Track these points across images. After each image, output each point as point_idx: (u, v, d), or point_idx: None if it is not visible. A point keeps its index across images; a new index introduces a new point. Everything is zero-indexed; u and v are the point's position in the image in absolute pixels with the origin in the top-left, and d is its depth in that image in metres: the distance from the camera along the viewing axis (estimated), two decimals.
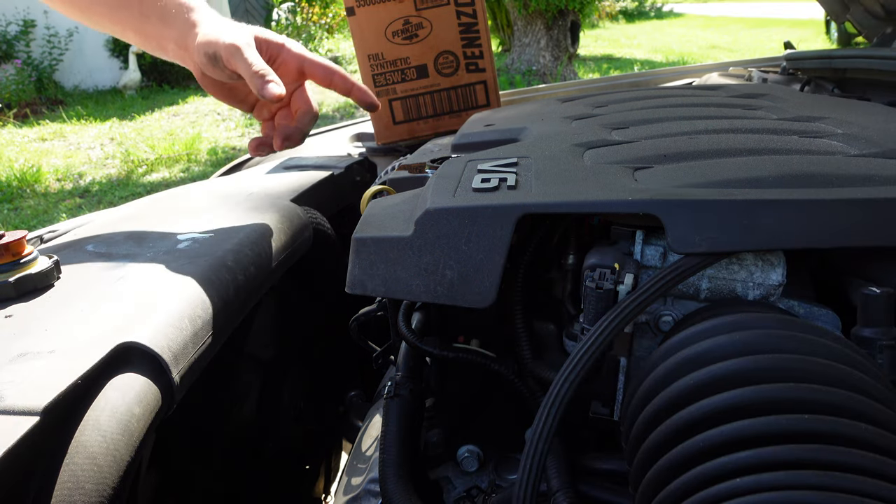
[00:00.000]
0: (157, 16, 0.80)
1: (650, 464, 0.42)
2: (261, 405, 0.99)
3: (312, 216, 0.97)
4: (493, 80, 1.29)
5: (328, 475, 1.26)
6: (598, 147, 0.69)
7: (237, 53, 0.75)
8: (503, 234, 0.53)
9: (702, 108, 0.84)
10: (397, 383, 0.68)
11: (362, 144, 1.42)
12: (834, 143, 0.66)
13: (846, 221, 0.48)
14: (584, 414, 0.58)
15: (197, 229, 0.81)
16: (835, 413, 0.38)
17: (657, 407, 0.43)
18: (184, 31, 0.80)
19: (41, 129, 6.55)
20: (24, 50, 8.04)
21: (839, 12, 1.66)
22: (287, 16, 10.44)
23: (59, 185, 4.97)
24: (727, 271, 0.53)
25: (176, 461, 0.78)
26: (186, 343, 0.60)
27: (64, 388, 0.48)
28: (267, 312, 0.99)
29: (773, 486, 0.35)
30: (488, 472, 0.69)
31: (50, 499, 0.44)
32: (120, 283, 0.65)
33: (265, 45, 0.82)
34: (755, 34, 13.46)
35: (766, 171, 0.55)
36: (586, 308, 0.52)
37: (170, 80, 9.16)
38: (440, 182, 0.62)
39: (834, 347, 0.42)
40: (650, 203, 0.50)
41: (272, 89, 0.73)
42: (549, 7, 7.84)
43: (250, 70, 0.74)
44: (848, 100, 1.03)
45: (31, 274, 0.63)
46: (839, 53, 1.39)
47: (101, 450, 0.47)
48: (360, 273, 0.58)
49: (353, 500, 0.69)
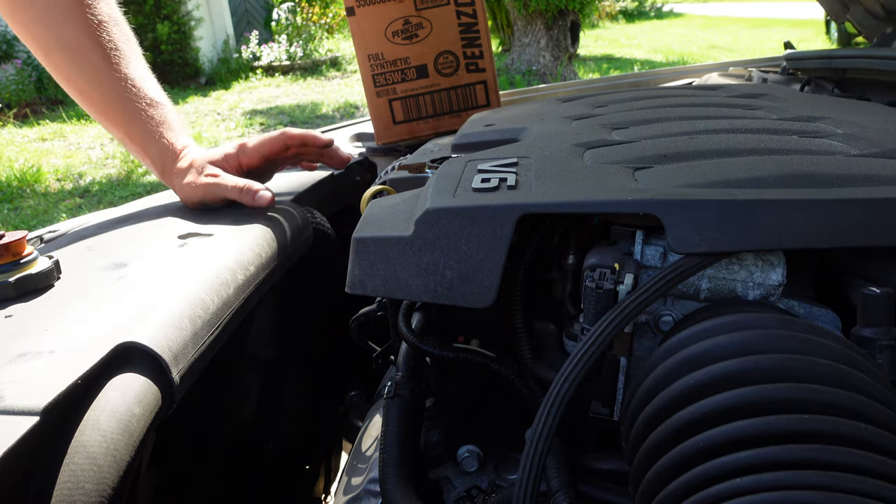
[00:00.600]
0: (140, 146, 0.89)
1: (650, 464, 0.42)
2: (261, 405, 0.99)
3: (312, 216, 0.97)
4: (493, 80, 1.29)
5: (328, 475, 1.26)
6: (598, 147, 0.69)
7: (216, 188, 0.86)
8: (503, 234, 0.53)
9: (702, 109, 0.84)
10: (397, 383, 0.68)
11: (362, 144, 1.42)
12: (834, 143, 0.66)
13: (846, 221, 0.48)
14: (584, 414, 0.58)
15: (197, 229, 0.81)
16: (835, 413, 0.38)
17: (657, 407, 0.43)
18: (165, 168, 0.90)
19: (41, 128, 6.55)
20: (25, 50, 8.04)
21: (839, 12, 1.66)
22: (287, 16, 10.45)
23: (59, 185, 4.97)
24: (727, 271, 0.53)
25: (176, 461, 0.78)
26: (186, 343, 0.60)
27: (64, 388, 0.48)
28: (267, 312, 0.99)
29: (773, 486, 0.35)
30: (488, 472, 0.69)
31: (50, 499, 0.44)
32: (120, 283, 0.65)
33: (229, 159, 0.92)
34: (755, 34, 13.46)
35: (766, 171, 0.55)
36: (586, 308, 0.52)
37: (170, 81, 9.16)
38: (440, 182, 0.62)
39: (834, 347, 0.42)
40: (650, 203, 0.50)
41: (264, 197, 0.84)
42: (549, 7, 7.84)
43: (237, 193, 0.85)
44: (848, 100, 1.03)
45: (31, 274, 0.63)
46: (839, 53, 1.39)
47: (101, 450, 0.47)
48: (360, 273, 0.58)
49: (353, 500, 0.69)
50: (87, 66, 0.83)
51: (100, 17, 0.83)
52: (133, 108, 0.86)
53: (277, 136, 0.96)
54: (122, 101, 0.85)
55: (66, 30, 0.82)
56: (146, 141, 0.87)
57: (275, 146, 0.95)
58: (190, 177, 0.87)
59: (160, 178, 0.91)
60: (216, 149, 0.94)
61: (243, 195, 0.84)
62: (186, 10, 9.33)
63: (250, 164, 0.94)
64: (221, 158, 0.91)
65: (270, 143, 0.95)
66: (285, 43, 10.10)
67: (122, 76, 0.85)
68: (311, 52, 10.21)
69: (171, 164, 0.88)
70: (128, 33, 0.88)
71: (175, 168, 0.88)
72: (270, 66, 9.84)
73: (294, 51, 10.08)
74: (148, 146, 0.88)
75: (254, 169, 0.94)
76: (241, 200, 0.85)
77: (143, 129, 0.87)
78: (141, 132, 0.87)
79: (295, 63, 9.89)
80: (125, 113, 0.86)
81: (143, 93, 0.86)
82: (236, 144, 0.94)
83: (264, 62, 9.88)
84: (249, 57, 9.93)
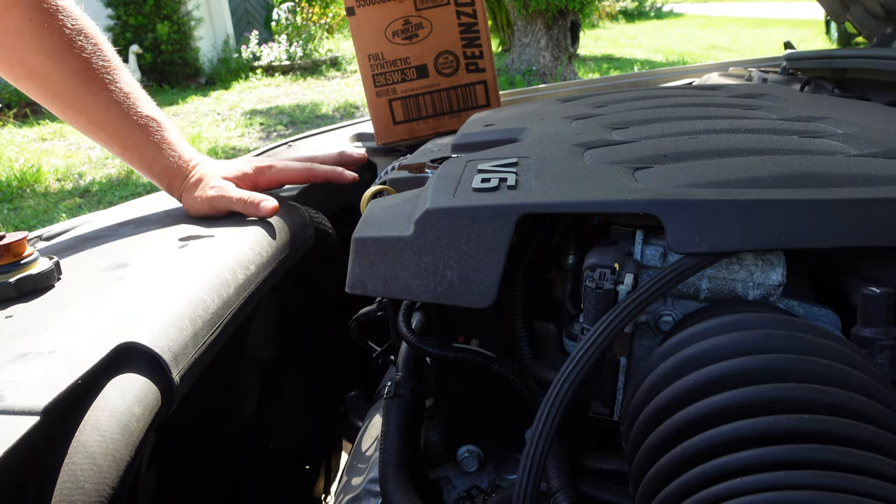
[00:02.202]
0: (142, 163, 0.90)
1: (650, 464, 0.42)
2: (261, 405, 0.99)
3: (313, 215, 0.97)
4: (493, 80, 1.29)
5: (328, 475, 1.26)
6: (598, 147, 0.69)
7: (221, 200, 0.87)
8: (503, 234, 0.53)
9: (702, 108, 0.84)
10: (397, 383, 0.68)
11: (362, 144, 1.42)
12: (834, 143, 0.66)
13: (846, 221, 0.48)
14: (584, 414, 0.58)
15: (197, 230, 0.81)
16: (835, 413, 0.38)
17: (657, 407, 0.43)
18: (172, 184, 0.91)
19: (41, 128, 6.55)
20: None
21: (839, 12, 1.66)
22: (287, 16, 10.45)
23: (59, 185, 4.97)
24: (727, 271, 0.53)
25: (176, 461, 0.78)
26: (186, 343, 0.60)
27: (64, 388, 0.48)
28: (267, 312, 0.99)
29: (773, 486, 0.35)
30: (488, 472, 0.69)
31: (50, 499, 0.44)
32: (120, 284, 0.65)
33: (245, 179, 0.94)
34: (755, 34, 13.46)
35: (765, 171, 0.55)
36: (586, 308, 0.52)
37: (170, 80, 9.17)
38: (440, 182, 0.62)
39: (834, 347, 0.42)
40: (650, 203, 0.50)
41: (266, 208, 0.85)
42: (549, 7, 7.84)
43: (242, 205, 0.86)
44: (848, 100, 1.03)
45: (31, 275, 0.64)
46: (839, 53, 1.39)
47: (101, 450, 0.47)
48: (360, 273, 0.58)
49: (353, 500, 0.69)
50: (66, 88, 0.83)
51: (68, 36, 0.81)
52: (130, 124, 0.85)
53: (302, 171, 0.97)
54: (119, 119, 0.85)
55: (30, 56, 0.81)
56: (148, 159, 0.88)
57: (296, 179, 0.98)
58: (198, 192, 0.88)
59: (166, 191, 0.92)
60: (230, 163, 0.95)
61: (247, 207, 0.85)
62: (186, 10, 9.33)
63: (268, 187, 0.96)
64: (237, 176, 0.92)
65: (292, 175, 0.97)
66: (285, 43, 10.10)
67: (116, 94, 0.85)
68: (311, 52, 10.21)
69: (180, 180, 0.90)
70: (108, 47, 0.87)
71: (185, 184, 0.90)
72: (270, 66, 9.85)
73: (294, 51, 10.08)
74: (151, 164, 0.89)
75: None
76: (246, 212, 0.86)
77: (143, 146, 0.87)
78: (141, 150, 0.87)
79: (295, 63, 9.89)
80: (121, 130, 0.86)
81: (138, 110, 0.86)
82: (254, 166, 0.95)
83: (264, 62, 9.89)
84: (249, 57, 9.93)
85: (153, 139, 0.87)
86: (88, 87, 0.83)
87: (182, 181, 0.89)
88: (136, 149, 0.87)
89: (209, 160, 0.94)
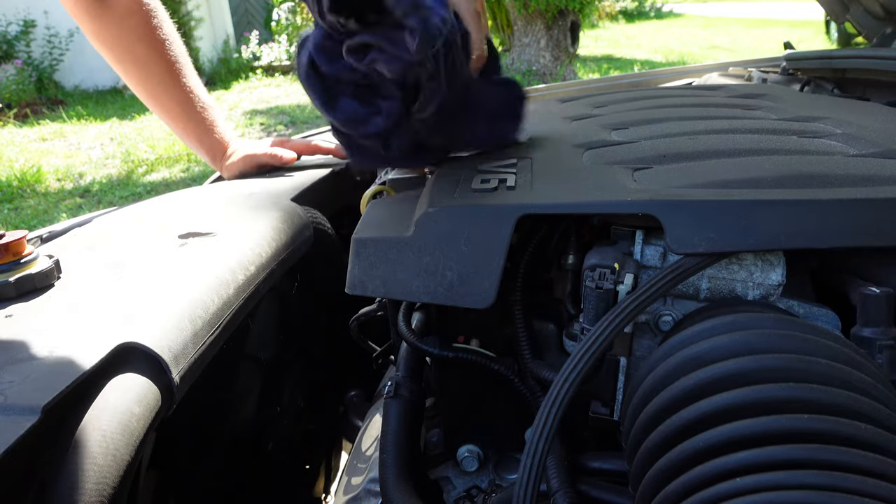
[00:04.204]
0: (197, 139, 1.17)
1: (650, 464, 0.42)
2: (261, 405, 0.99)
3: (313, 215, 0.97)
4: None
5: (328, 475, 1.26)
6: (597, 147, 0.69)
7: (252, 158, 1.16)
8: (503, 234, 0.53)
9: (701, 109, 0.84)
10: (397, 383, 0.68)
11: None
12: (833, 143, 0.66)
13: (846, 221, 0.48)
14: (584, 414, 0.58)
15: (197, 229, 0.81)
16: (835, 413, 0.38)
17: (657, 407, 0.43)
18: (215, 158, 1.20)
19: (41, 129, 6.55)
20: (25, 50, 8.05)
21: (839, 12, 1.66)
22: (287, 16, 10.45)
23: (59, 185, 4.97)
24: (727, 271, 0.53)
25: (176, 461, 0.78)
26: (186, 343, 0.60)
27: (64, 388, 0.48)
28: (267, 312, 0.99)
29: (773, 486, 0.35)
30: (488, 472, 0.69)
31: (50, 498, 0.44)
32: (120, 283, 0.65)
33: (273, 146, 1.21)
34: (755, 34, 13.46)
35: (765, 171, 0.55)
36: (586, 308, 0.52)
37: None
38: (440, 182, 0.62)
39: (833, 347, 0.42)
40: (649, 204, 0.50)
41: (284, 155, 1.16)
42: (549, 7, 7.84)
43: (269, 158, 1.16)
44: (848, 100, 1.03)
45: (31, 274, 0.63)
46: (839, 53, 1.39)
47: (101, 450, 0.47)
48: (360, 273, 0.58)
49: (353, 500, 0.69)
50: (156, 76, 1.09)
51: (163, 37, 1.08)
52: (192, 109, 1.12)
53: (303, 144, 1.23)
54: (184, 104, 1.11)
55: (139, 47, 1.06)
56: (202, 136, 1.15)
57: (304, 151, 1.23)
58: (233, 160, 1.17)
59: (210, 164, 1.20)
60: (258, 141, 1.23)
61: (273, 158, 1.14)
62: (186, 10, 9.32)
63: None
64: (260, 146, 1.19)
65: (300, 148, 1.21)
66: (285, 43, 10.09)
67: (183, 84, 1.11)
68: None
69: (221, 155, 1.18)
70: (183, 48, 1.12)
71: (224, 158, 1.18)
72: (270, 66, 9.84)
73: (294, 51, 10.06)
74: (203, 140, 1.16)
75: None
76: (272, 163, 1.14)
77: (199, 127, 1.15)
78: (197, 130, 1.15)
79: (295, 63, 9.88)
80: (186, 114, 1.12)
81: (199, 98, 1.13)
82: (276, 140, 1.22)
83: (264, 62, 9.88)
84: (249, 57, 9.92)
85: (206, 124, 1.14)
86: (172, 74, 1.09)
87: (222, 156, 1.18)
88: (194, 131, 1.14)
89: (241, 141, 1.21)
